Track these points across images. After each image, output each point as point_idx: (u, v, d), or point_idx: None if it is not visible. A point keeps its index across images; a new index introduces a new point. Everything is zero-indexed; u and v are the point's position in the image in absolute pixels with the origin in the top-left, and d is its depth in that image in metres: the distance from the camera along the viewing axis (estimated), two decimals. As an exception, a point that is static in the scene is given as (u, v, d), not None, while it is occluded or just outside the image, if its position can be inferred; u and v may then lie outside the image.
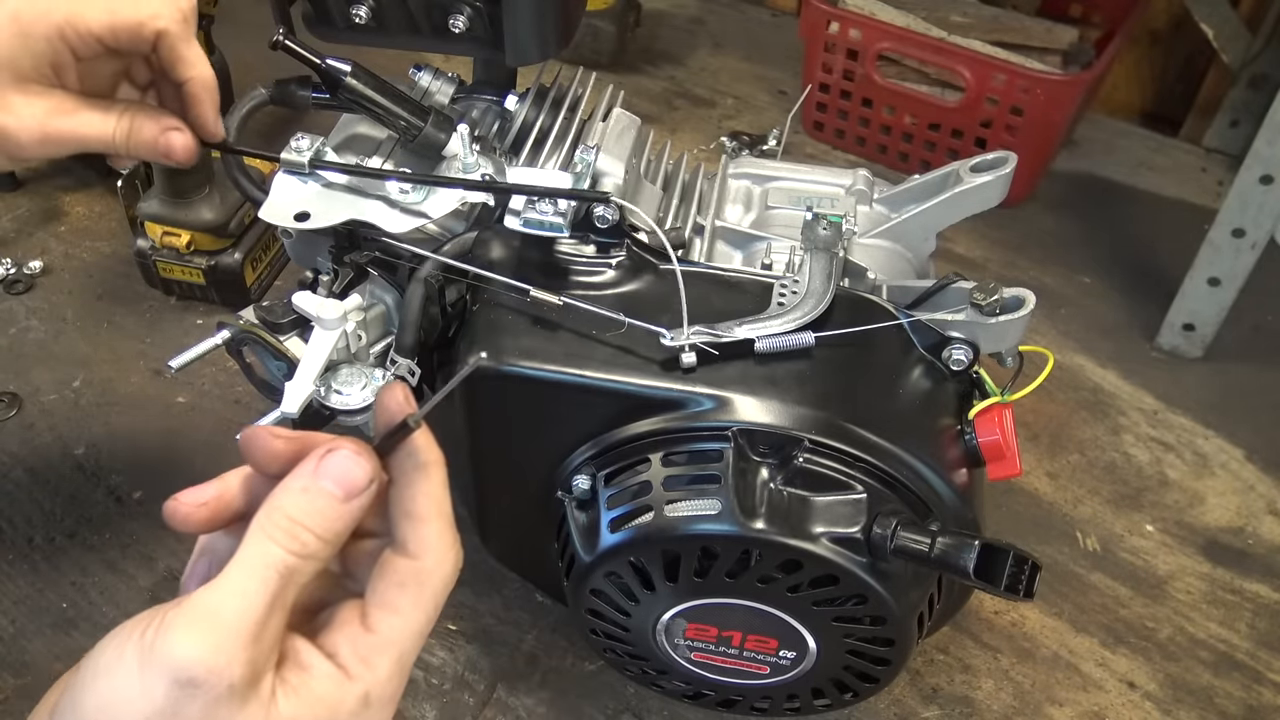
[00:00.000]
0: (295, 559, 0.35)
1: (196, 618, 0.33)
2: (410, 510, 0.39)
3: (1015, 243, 1.20)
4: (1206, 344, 1.04)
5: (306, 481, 0.37)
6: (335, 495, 0.37)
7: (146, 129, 0.56)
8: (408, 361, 0.62)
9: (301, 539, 0.36)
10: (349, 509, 0.37)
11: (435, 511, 0.39)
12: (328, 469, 0.37)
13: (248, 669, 0.33)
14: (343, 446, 0.37)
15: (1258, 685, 0.79)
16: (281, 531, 0.35)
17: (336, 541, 0.37)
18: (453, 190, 0.63)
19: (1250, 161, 0.92)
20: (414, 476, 0.39)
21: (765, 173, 0.78)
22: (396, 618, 0.38)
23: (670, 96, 1.43)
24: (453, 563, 0.39)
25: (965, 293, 0.61)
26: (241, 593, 0.34)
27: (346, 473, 0.37)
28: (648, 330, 0.58)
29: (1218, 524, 0.90)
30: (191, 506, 0.40)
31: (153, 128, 0.56)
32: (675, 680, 0.67)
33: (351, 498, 0.37)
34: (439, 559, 0.39)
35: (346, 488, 0.37)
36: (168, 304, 1.04)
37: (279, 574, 0.35)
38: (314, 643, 0.37)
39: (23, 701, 0.72)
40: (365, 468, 0.37)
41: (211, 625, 0.33)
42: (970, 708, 0.76)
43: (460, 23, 0.68)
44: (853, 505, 0.55)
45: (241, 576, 0.35)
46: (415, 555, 0.38)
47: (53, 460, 0.89)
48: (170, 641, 0.33)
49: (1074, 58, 1.27)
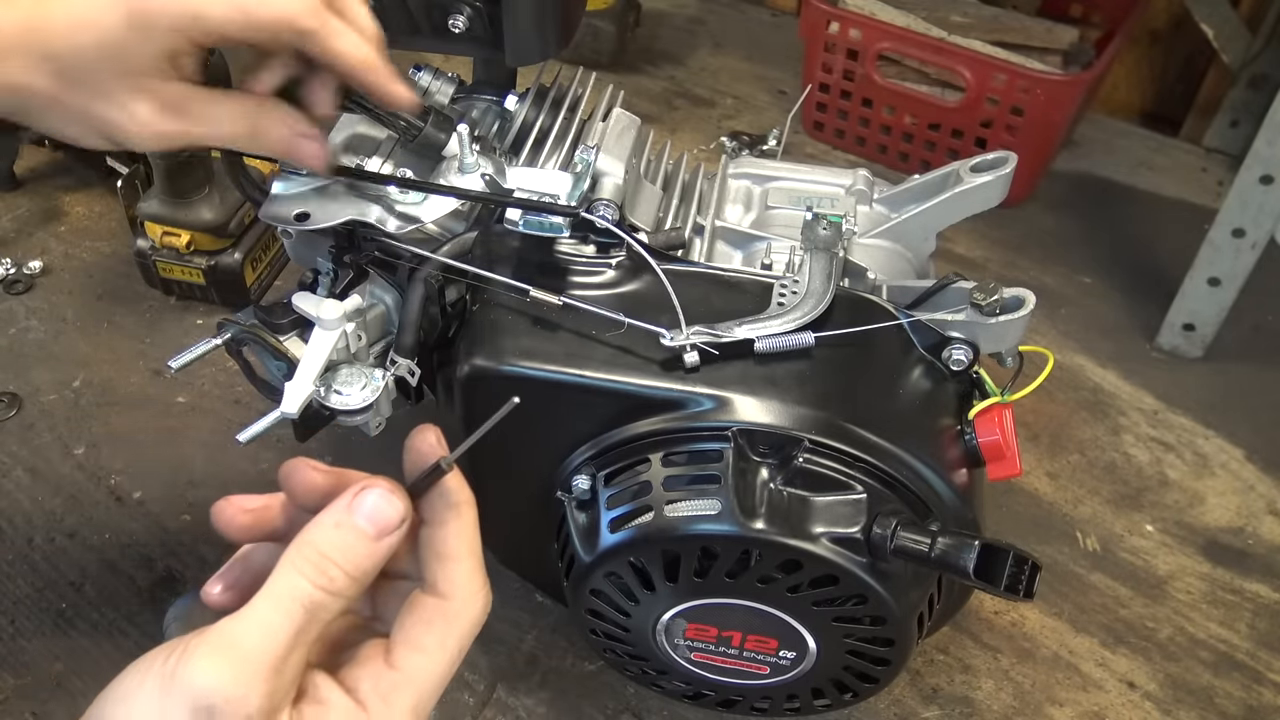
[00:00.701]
0: (322, 594, 0.36)
1: (219, 647, 0.34)
2: (441, 550, 0.39)
3: (1015, 243, 1.20)
4: (1206, 344, 1.04)
5: (340, 517, 0.37)
6: (367, 533, 0.37)
7: (274, 132, 0.52)
8: (407, 361, 0.62)
9: (330, 575, 0.36)
10: (379, 547, 0.37)
11: (466, 551, 0.39)
12: (361, 506, 0.37)
13: (266, 701, 0.33)
14: (377, 485, 0.38)
15: (1258, 685, 0.79)
16: (311, 566, 0.36)
17: (364, 580, 0.37)
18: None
19: (1250, 161, 0.92)
20: (445, 516, 0.39)
21: (765, 173, 0.78)
22: (422, 656, 0.38)
23: (670, 96, 1.43)
24: (482, 604, 0.39)
25: (965, 293, 0.61)
26: (266, 625, 0.34)
27: (379, 511, 0.37)
28: (647, 330, 0.58)
29: (1218, 524, 0.90)
30: (237, 509, 0.41)
31: (282, 131, 0.53)
32: (675, 680, 0.67)
33: (383, 536, 0.37)
34: (468, 599, 0.39)
35: (379, 526, 0.37)
36: (168, 304, 1.04)
37: (304, 608, 0.35)
38: (335, 678, 0.37)
39: (22, 701, 0.72)
40: (398, 507, 0.38)
41: (234, 655, 0.33)
42: (970, 708, 0.76)
43: (460, 23, 0.68)
44: (853, 505, 0.55)
45: (267, 608, 0.35)
46: (444, 595, 0.39)
47: (53, 460, 0.89)
48: (192, 669, 0.33)
49: (1074, 58, 1.27)
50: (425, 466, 0.39)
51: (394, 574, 0.41)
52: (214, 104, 0.50)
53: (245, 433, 0.60)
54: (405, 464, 0.41)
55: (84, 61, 0.46)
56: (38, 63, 0.46)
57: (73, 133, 0.49)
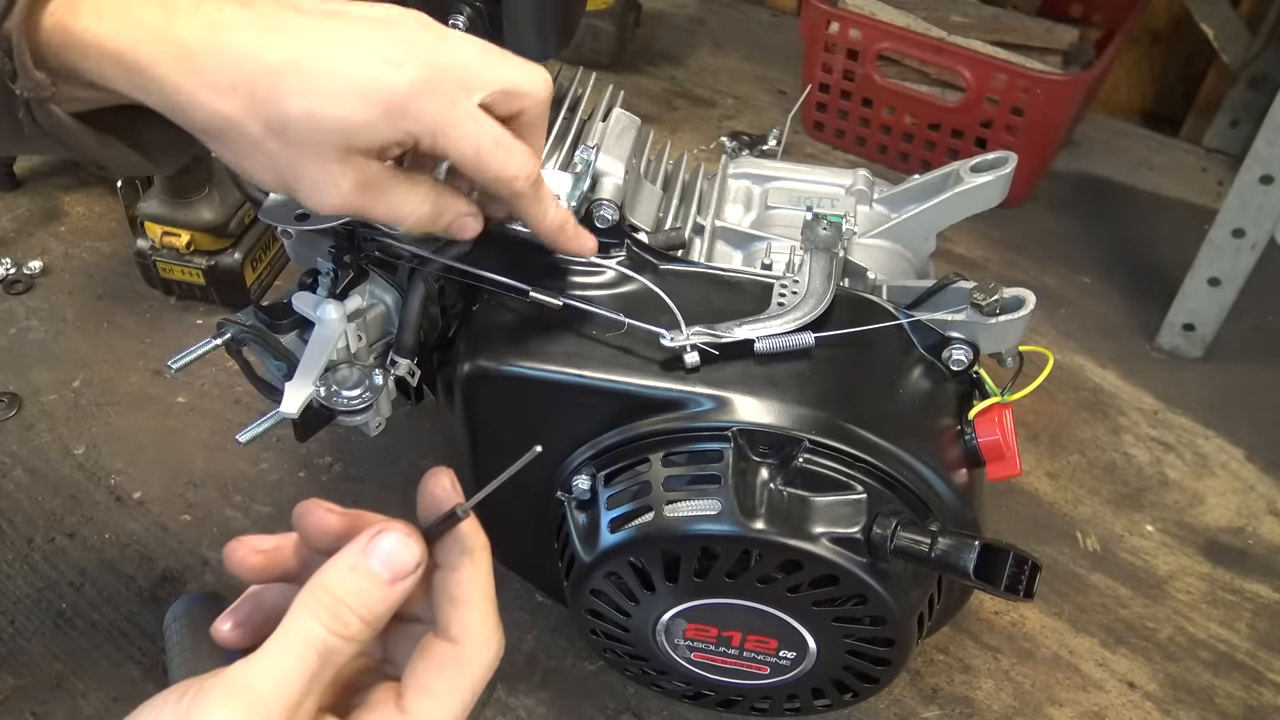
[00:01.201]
0: (336, 639, 0.36)
1: (233, 690, 0.34)
2: (454, 594, 0.39)
3: (1015, 243, 1.20)
4: (1206, 344, 1.04)
5: (355, 561, 0.37)
6: (381, 577, 0.37)
7: (449, 214, 0.53)
8: (407, 361, 0.62)
9: (344, 619, 0.36)
10: (394, 591, 0.37)
11: (479, 596, 0.39)
12: (376, 549, 0.37)
13: None
14: (392, 528, 0.38)
15: (1258, 685, 0.79)
16: (325, 610, 0.36)
17: (378, 624, 0.37)
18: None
19: (1250, 161, 0.92)
20: (460, 561, 0.39)
21: (765, 173, 0.78)
22: (432, 702, 0.38)
23: (670, 96, 1.43)
24: (494, 650, 0.39)
25: (965, 293, 0.61)
26: (279, 670, 0.35)
27: (394, 555, 0.37)
28: (648, 331, 0.58)
29: (1218, 524, 0.90)
30: (249, 550, 0.41)
31: (458, 209, 0.53)
32: (675, 680, 0.67)
33: (397, 581, 0.37)
34: (480, 645, 0.39)
35: (394, 570, 0.37)
36: (168, 304, 1.04)
37: (318, 653, 0.35)
38: None
39: (22, 701, 0.72)
40: (414, 551, 0.37)
41: (247, 700, 0.34)
42: (970, 708, 0.76)
43: (460, 23, 0.68)
44: (853, 505, 0.55)
45: (280, 652, 0.35)
46: (456, 640, 0.39)
47: (53, 460, 0.89)
48: (205, 713, 0.33)
49: (1074, 58, 1.27)
50: (440, 510, 0.39)
51: (407, 617, 0.41)
52: (405, 187, 0.50)
53: (245, 433, 0.60)
54: (419, 507, 0.41)
55: (314, 124, 0.45)
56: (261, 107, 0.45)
57: (261, 177, 0.48)
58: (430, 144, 0.48)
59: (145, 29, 0.43)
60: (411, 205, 0.51)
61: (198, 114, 0.45)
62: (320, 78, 0.45)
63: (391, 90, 0.45)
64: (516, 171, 0.50)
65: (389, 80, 0.45)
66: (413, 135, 0.47)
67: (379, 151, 0.48)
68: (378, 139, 0.47)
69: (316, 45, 0.45)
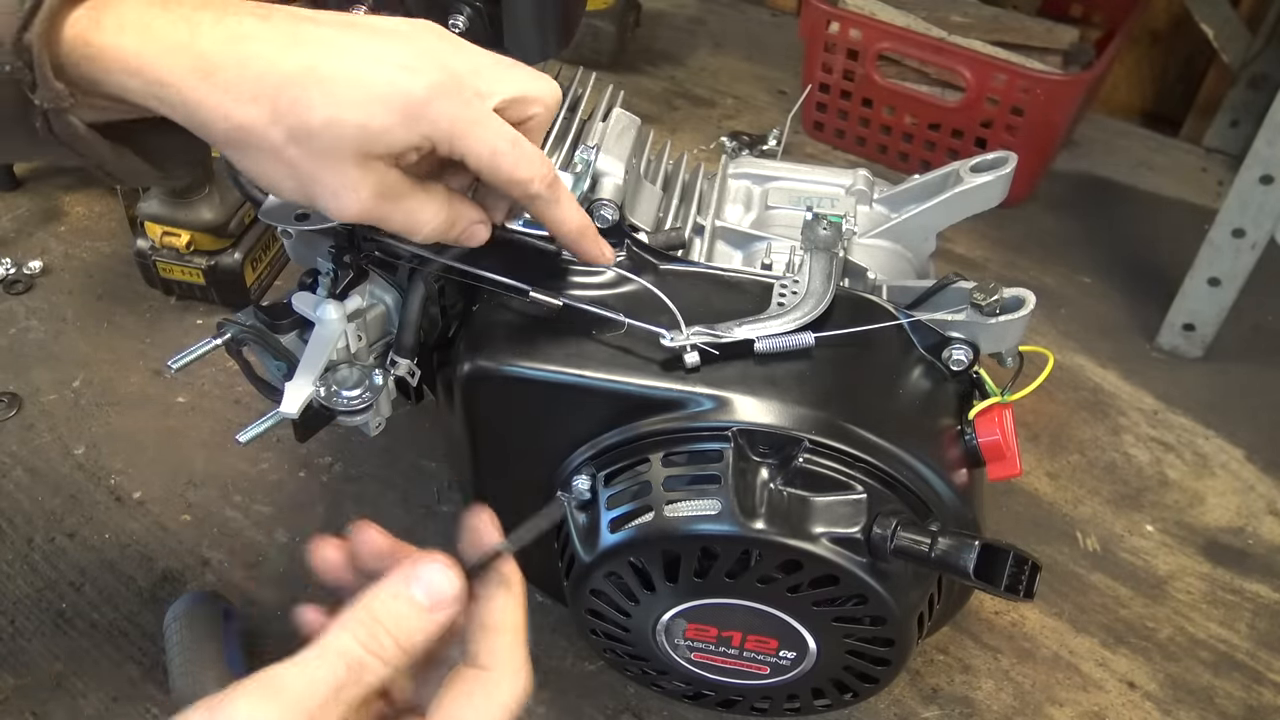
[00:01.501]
0: (369, 656, 0.36)
1: (261, 685, 0.35)
2: (486, 621, 0.40)
3: (1015, 243, 1.20)
4: (1206, 344, 1.04)
5: (398, 588, 0.38)
6: (422, 604, 0.38)
7: (462, 223, 0.54)
8: (407, 361, 0.62)
9: (381, 641, 0.37)
10: (431, 620, 0.38)
11: (510, 624, 0.40)
12: (418, 577, 0.38)
13: None
14: (436, 559, 0.39)
15: (1258, 685, 0.79)
16: (362, 628, 0.37)
17: (413, 652, 0.38)
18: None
19: (1250, 161, 0.92)
20: (494, 591, 0.40)
21: (765, 173, 0.78)
22: None
23: (670, 96, 1.43)
24: (523, 682, 0.40)
25: (965, 293, 0.61)
26: (309, 674, 0.36)
27: (436, 584, 0.38)
28: (648, 331, 0.58)
29: (1218, 524, 0.90)
30: (332, 548, 0.43)
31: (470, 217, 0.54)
32: (675, 680, 0.67)
33: (437, 610, 0.38)
34: (509, 673, 0.39)
35: (434, 599, 0.38)
36: (168, 304, 1.04)
37: (348, 665, 0.36)
38: None
39: (22, 701, 0.72)
40: (454, 582, 0.38)
41: (275, 696, 0.35)
42: (970, 708, 0.76)
43: (460, 23, 0.68)
44: (853, 505, 0.55)
45: (312, 658, 0.36)
46: (485, 666, 0.39)
47: (53, 460, 0.89)
48: (235, 707, 0.34)
49: (1074, 58, 1.27)
50: (481, 547, 0.41)
51: (441, 660, 0.42)
52: (421, 197, 0.51)
53: (245, 433, 0.60)
54: (460, 543, 0.42)
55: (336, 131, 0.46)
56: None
57: (281, 185, 0.48)
58: (447, 148, 0.48)
59: (168, 43, 0.44)
60: (429, 213, 0.51)
61: (220, 125, 0.45)
62: (341, 86, 0.45)
63: (409, 94, 0.46)
64: (531, 174, 0.51)
65: (406, 85, 0.46)
66: (430, 139, 0.48)
67: (397, 157, 0.48)
68: (397, 143, 0.47)
69: (336, 55, 0.46)
